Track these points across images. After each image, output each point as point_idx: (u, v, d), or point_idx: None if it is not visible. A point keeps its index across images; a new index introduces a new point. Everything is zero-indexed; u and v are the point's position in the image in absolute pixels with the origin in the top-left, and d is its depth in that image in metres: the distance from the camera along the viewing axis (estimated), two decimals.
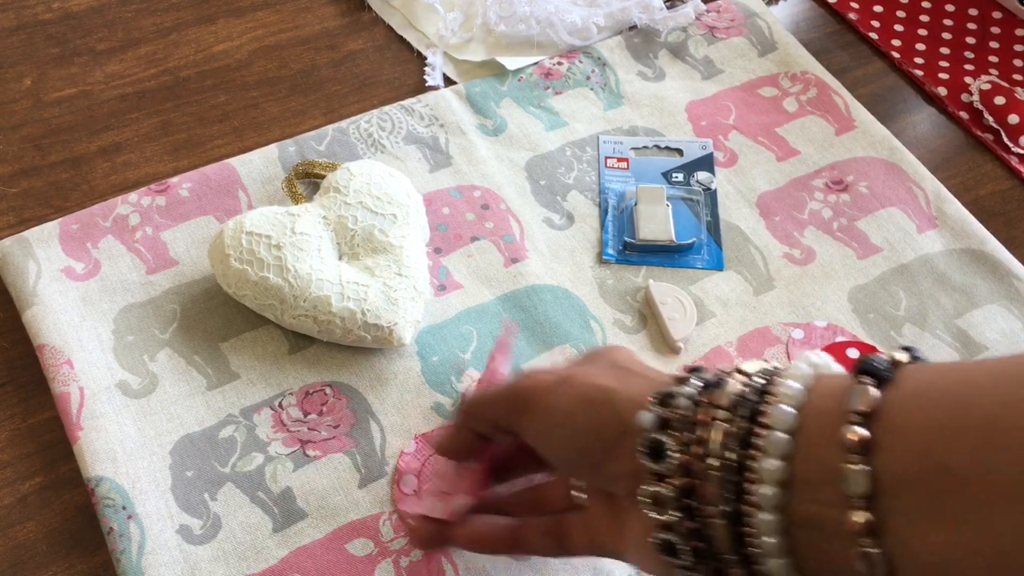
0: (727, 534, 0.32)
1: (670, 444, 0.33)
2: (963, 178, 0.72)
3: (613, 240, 0.65)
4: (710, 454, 0.32)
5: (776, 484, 0.30)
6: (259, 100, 0.72)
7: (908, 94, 0.77)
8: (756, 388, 0.33)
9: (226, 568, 0.50)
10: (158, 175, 0.67)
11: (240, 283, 0.57)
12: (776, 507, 0.31)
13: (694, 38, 0.78)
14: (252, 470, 0.54)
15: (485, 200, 0.66)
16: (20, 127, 0.69)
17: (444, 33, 0.76)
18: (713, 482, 0.32)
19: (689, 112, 0.73)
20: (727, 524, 0.32)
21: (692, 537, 0.33)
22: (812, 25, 0.82)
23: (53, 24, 0.75)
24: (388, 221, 0.59)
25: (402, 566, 0.51)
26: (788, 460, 0.30)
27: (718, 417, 0.32)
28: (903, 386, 0.30)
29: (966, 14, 0.84)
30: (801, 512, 0.30)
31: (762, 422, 0.31)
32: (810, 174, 0.70)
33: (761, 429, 0.31)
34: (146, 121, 0.70)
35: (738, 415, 0.32)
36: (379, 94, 0.73)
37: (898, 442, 0.28)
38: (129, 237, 0.62)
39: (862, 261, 0.66)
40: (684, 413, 0.34)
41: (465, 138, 0.69)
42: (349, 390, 0.57)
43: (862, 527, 0.28)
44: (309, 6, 0.79)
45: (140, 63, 0.73)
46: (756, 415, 0.32)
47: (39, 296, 0.59)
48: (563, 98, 0.73)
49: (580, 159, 0.69)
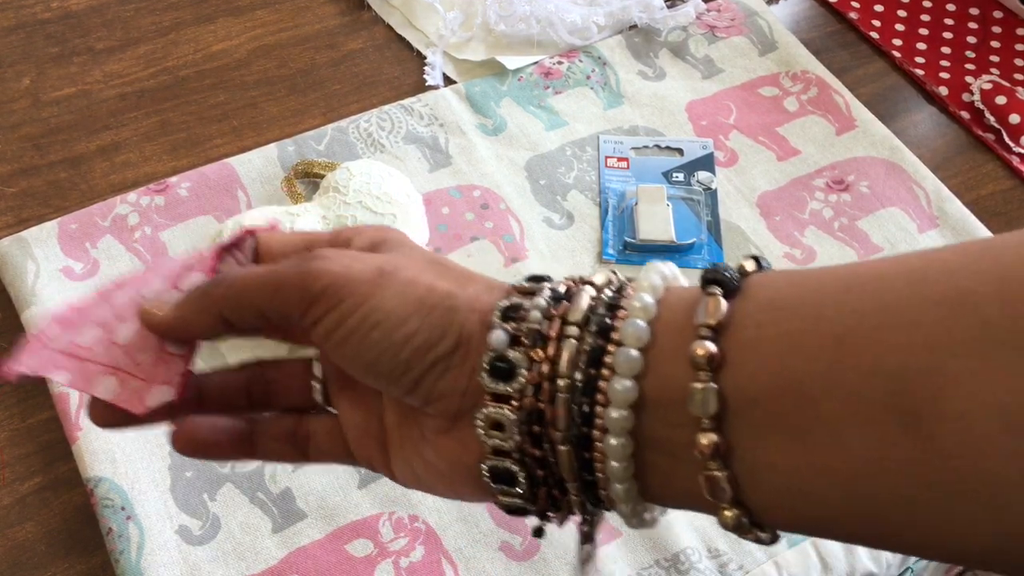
0: (571, 459, 0.29)
1: (518, 362, 0.30)
2: (964, 178, 0.72)
3: (613, 240, 0.65)
4: (559, 374, 0.29)
5: (626, 406, 0.28)
6: (258, 100, 0.72)
7: (909, 94, 0.77)
8: (606, 302, 0.30)
9: (225, 568, 0.50)
10: (157, 175, 0.66)
11: None
12: (625, 431, 0.28)
13: (694, 37, 0.78)
14: (251, 470, 0.54)
15: (485, 200, 0.66)
16: (19, 126, 0.69)
17: (444, 32, 0.76)
18: (561, 404, 0.29)
19: (689, 112, 0.73)
20: (572, 449, 0.29)
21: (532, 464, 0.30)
22: (813, 24, 0.82)
23: (52, 23, 0.75)
24: (388, 221, 0.59)
25: (402, 566, 0.51)
26: (639, 380, 0.28)
27: (568, 333, 0.29)
28: (753, 296, 0.28)
29: (967, 13, 0.84)
30: (650, 435, 0.28)
31: (613, 338, 0.29)
32: (811, 174, 0.70)
33: (612, 346, 0.29)
34: (145, 121, 0.70)
35: (588, 331, 0.29)
36: (379, 94, 0.73)
37: (748, 357, 0.27)
38: (128, 237, 0.62)
39: None
40: (534, 328, 0.30)
41: (465, 138, 0.69)
42: None
43: (709, 449, 0.27)
44: (308, 5, 0.79)
45: (139, 62, 0.73)
46: (606, 331, 0.29)
47: (38, 296, 0.58)
48: (563, 98, 0.73)
49: (580, 159, 0.69)
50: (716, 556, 0.52)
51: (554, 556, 0.52)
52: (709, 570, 0.52)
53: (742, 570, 0.52)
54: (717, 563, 0.52)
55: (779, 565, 0.52)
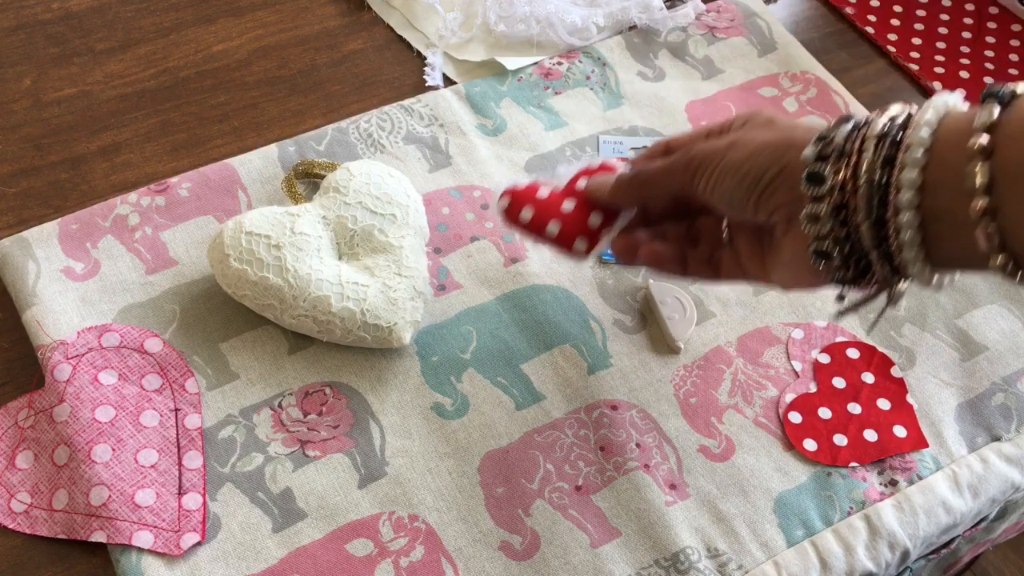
0: (872, 234, 0.41)
1: (826, 172, 0.42)
2: None
3: None
4: (859, 175, 0.41)
5: (913, 188, 0.39)
6: (259, 100, 0.72)
7: (908, 93, 0.77)
8: (899, 124, 0.40)
9: (225, 568, 0.50)
10: (158, 175, 0.67)
11: (240, 283, 0.57)
12: (913, 206, 0.39)
13: (694, 38, 0.78)
14: (252, 470, 0.54)
15: (485, 200, 0.66)
16: (20, 127, 0.69)
17: (444, 33, 0.76)
18: (862, 194, 0.40)
19: (689, 112, 0.73)
20: (872, 225, 0.41)
21: (843, 242, 0.42)
22: (812, 25, 0.82)
23: (53, 24, 0.75)
24: (388, 221, 0.59)
25: (402, 566, 0.51)
26: (923, 170, 0.39)
27: (866, 148, 0.41)
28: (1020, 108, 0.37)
29: (963, 9, 0.84)
30: (935, 207, 0.39)
31: (905, 143, 0.40)
32: None
33: (902, 152, 0.39)
34: (146, 121, 0.70)
35: (883, 143, 0.40)
36: (379, 94, 0.73)
37: (1013, 145, 0.37)
38: (129, 237, 0.62)
39: None
40: (839, 146, 0.42)
41: (465, 138, 0.69)
42: (349, 390, 0.57)
43: (983, 210, 0.37)
44: (309, 6, 0.79)
45: (140, 63, 0.73)
46: (898, 143, 0.40)
47: (39, 296, 0.59)
48: (563, 98, 0.73)
49: (580, 159, 0.69)
50: (716, 556, 0.53)
51: (554, 556, 0.52)
52: (709, 570, 0.52)
53: (741, 570, 0.52)
54: (716, 563, 0.52)
55: (779, 565, 0.53)
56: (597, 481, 0.55)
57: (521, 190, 0.55)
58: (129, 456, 0.52)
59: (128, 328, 0.57)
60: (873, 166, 0.40)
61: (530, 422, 0.56)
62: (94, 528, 0.50)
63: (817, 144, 0.43)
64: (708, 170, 0.47)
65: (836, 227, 0.42)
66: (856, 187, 0.41)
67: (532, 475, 0.55)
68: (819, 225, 0.42)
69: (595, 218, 0.53)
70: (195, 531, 0.51)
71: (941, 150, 0.39)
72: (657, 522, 0.53)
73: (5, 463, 0.53)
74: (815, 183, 0.42)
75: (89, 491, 0.51)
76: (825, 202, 0.42)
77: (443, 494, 0.54)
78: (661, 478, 0.55)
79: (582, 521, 0.53)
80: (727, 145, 0.47)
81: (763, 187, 0.45)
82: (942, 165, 0.39)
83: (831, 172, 0.42)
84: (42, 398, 0.55)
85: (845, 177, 0.41)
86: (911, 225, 0.40)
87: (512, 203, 0.54)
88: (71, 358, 0.55)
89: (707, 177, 0.47)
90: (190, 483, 0.53)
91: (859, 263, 0.43)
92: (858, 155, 0.41)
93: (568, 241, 0.54)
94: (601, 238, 0.54)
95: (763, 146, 0.46)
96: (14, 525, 0.51)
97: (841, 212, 0.42)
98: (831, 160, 0.42)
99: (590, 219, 0.53)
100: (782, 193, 0.45)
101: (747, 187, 0.45)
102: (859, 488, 0.55)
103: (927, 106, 0.41)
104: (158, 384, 0.56)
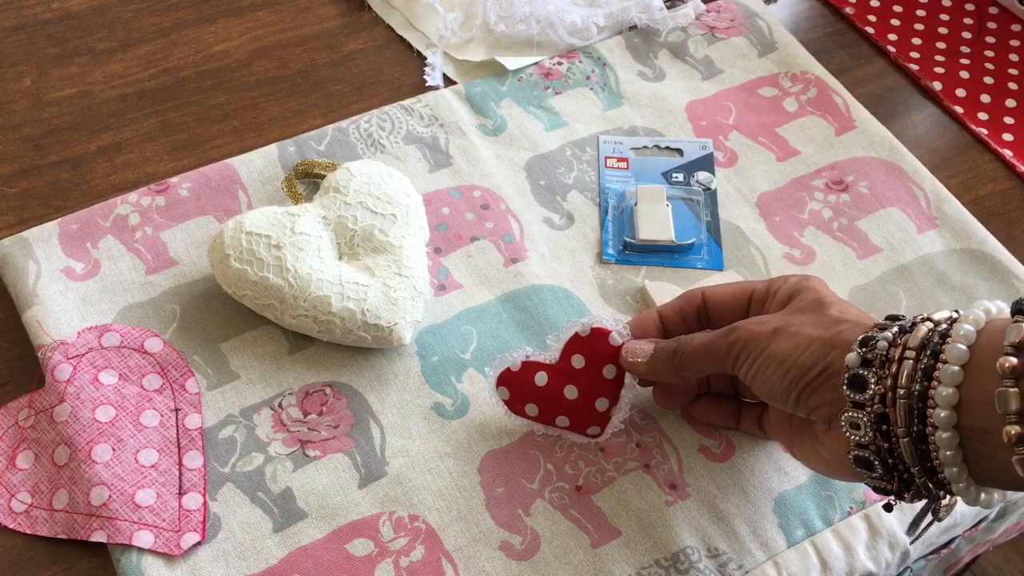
0: (913, 450, 0.40)
1: (869, 378, 0.41)
2: (963, 178, 0.72)
3: (613, 240, 0.65)
4: (899, 386, 0.40)
5: (949, 407, 0.38)
6: (259, 100, 0.72)
7: (908, 94, 0.77)
8: (941, 332, 0.40)
9: (226, 568, 0.50)
10: (158, 175, 0.67)
11: (240, 283, 0.57)
12: (950, 425, 0.39)
13: (694, 38, 0.78)
14: (252, 470, 0.54)
15: (485, 200, 0.66)
16: (20, 127, 0.69)
17: (444, 33, 0.76)
18: (901, 408, 0.40)
19: (689, 112, 0.73)
20: (912, 441, 0.40)
21: (884, 454, 0.41)
22: (812, 25, 0.82)
23: (53, 24, 0.75)
24: (388, 221, 0.59)
25: (402, 566, 0.51)
26: (959, 388, 0.38)
27: (907, 356, 0.40)
28: None
29: (963, 10, 0.84)
30: (973, 426, 0.38)
31: (942, 358, 0.39)
32: (810, 174, 0.70)
33: (940, 364, 0.39)
34: (146, 121, 0.70)
35: (924, 354, 0.40)
36: (379, 94, 0.73)
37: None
38: (129, 237, 0.62)
39: (862, 261, 0.66)
40: (881, 353, 0.41)
41: (465, 138, 0.69)
42: (349, 390, 0.57)
43: (1016, 437, 0.36)
44: (309, 6, 0.79)
45: (140, 63, 0.73)
46: (938, 353, 0.40)
47: (39, 296, 0.59)
48: (563, 98, 0.73)
49: (580, 159, 0.69)
50: (716, 556, 0.53)
51: (554, 556, 0.52)
52: (709, 570, 0.52)
53: (742, 570, 0.52)
54: (717, 563, 0.52)
55: (779, 565, 0.53)
56: (597, 481, 0.55)
57: (517, 373, 0.53)
58: (129, 456, 0.52)
59: (128, 328, 0.57)
60: (912, 379, 0.40)
61: (530, 422, 0.56)
62: (94, 528, 0.50)
63: (861, 348, 0.42)
64: (750, 357, 0.46)
65: (879, 438, 0.41)
66: (896, 399, 0.40)
67: (532, 475, 0.55)
68: (861, 432, 0.42)
69: (601, 403, 0.53)
70: (195, 531, 0.51)
71: (977, 366, 0.38)
72: (657, 522, 0.53)
73: (5, 463, 0.53)
74: (857, 389, 0.41)
75: (89, 491, 0.51)
76: (867, 409, 0.41)
77: (443, 494, 0.54)
78: (661, 478, 0.55)
79: (582, 521, 0.53)
80: (771, 332, 0.46)
81: (805, 384, 0.44)
82: (977, 383, 0.38)
83: (873, 379, 0.41)
84: (42, 398, 0.55)
85: (886, 388, 0.41)
86: (950, 445, 0.39)
87: (512, 396, 0.54)
88: (71, 358, 0.55)
89: (748, 363, 0.46)
90: (190, 483, 0.53)
91: (903, 475, 0.42)
92: (899, 364, 0.40)
93: (581, 429, 0.55)
94: (611, 419, 0.54)
95: (808, 341, 0.44)
96: (14, 525, 0.51)
97: (883, 423, 0.41)
98: (875, 365, 0.41)
99: (596, 404, 0.53)
100: (824, 392, 0.44)
101: (789, 382, 0.45)
102: (859, 488, 0.55)
103: (967, 313, 0.40)
104: (158, 384, 0.56)
